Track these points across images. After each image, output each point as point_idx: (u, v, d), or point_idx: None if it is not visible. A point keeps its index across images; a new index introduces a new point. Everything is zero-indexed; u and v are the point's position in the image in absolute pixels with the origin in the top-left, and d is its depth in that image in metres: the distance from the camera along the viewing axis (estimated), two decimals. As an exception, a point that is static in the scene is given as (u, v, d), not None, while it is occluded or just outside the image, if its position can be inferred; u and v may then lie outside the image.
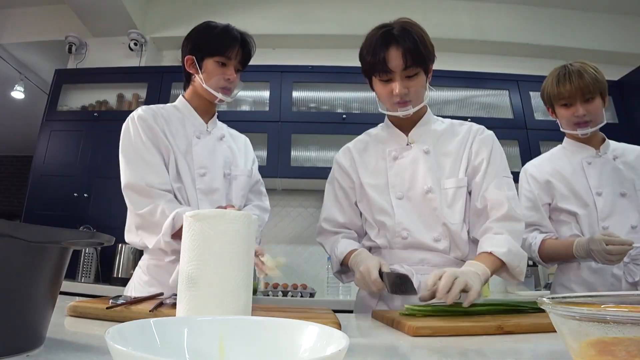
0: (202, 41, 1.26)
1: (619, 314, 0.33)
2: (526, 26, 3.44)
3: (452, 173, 1.17)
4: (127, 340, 0.35)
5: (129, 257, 2.59)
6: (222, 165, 1.30)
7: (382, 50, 1.09)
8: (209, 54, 1.25)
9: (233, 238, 0.60)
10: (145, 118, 1.23)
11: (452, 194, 1.15)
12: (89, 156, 2.87)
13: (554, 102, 1.47)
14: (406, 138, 1.22)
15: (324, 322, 0.70)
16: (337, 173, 1.32)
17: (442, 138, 1.21)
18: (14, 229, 0.42)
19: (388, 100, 1.15)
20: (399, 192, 1.18)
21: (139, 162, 1.19)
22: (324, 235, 1.31)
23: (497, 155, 1.19)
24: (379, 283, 1.00)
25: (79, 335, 0.67)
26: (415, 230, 1.14)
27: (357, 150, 1.29)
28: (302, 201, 3.08)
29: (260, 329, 0.42)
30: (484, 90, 3.09)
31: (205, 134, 1.31)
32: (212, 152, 1.30)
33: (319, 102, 3.08)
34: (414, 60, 1.08)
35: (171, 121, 1.28)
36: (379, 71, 1.11)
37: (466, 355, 0.61)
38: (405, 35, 1.08)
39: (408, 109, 1.14)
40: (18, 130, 5.25)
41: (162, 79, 3.04)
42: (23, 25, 3.53)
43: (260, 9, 3.44)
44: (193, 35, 1.29)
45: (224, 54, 1.24)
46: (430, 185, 1.15)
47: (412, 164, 1.18)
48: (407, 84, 1.11)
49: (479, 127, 1.24)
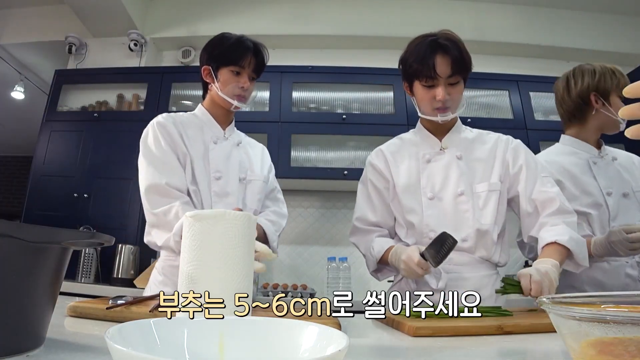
0: (218, 52, 1.32)
1: (619, 314, 0.33)
2: (526, 26, 3.44)
3: (484, 178, 1.23)
4: (127, 340, 0.35)
5: (129, 258, 2.59)
6: (238, 169, 1.34)
7: (431, 57, 1.15)
8: (224, 63, 1.30)
9: (233, 238, 0.60)
10: (164, 124, 1.29)
11: (484, 197, 1.21)
12: (89, 156, 2.87)
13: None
14: (439, 143, 1.27)
15: (324, 322, 0.70)
16: (370, 174, 1.34)
17: (473, 145, 1.28)
18: (14, 229, 0.42)
19: (429, 105, 1.20)
20: (430, 193, 1.22)
21: (159, 164, 1.25)
22: (358, 235, 1.33)
23: (532, 159, 1.25)
24: (424, 263, 1.03)
25: (79, 335, 0.67)
26: (443, 230, 1.15)
27: (391, 152, 1.32)
28: (302, 201, 3.08)
29: (260, 329, 0.42)
30: (484, 91, 3.09)
31: (222, 139, 1.36)
32: (228, 157, 1.34)
33: (318, 103, 3.08)
34: (460, 68, 1.16)
35: (189, 127, 1.33)
36: (426, 76, 1.16)
37: (466, 355, 0.61)
38: (452, 45, 1.16)
39: (447, 115, 1.19)
40: (18, 130, 5.25)
41: (162, 80, 3.04)
42: (23, 26, 3.53)
43: (260, 9, 3.44)
44: (209, 46, 1.35)
45: (238, 64, 1.30)
46: (463, 189, 1.20)
47: (445, 168, 1.23)
48: (449, 90, 1.18)
49: (508, 137, 1.31)
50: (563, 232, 1.10)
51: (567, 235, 1.09)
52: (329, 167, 2.85)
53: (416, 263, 1.03)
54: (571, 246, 1.08)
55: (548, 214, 1.16)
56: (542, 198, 1.18)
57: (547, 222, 1.15)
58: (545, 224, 1.15)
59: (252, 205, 1.35)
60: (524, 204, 1.21)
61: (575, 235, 1.11)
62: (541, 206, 1.18)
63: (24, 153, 5.94)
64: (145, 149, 1.27)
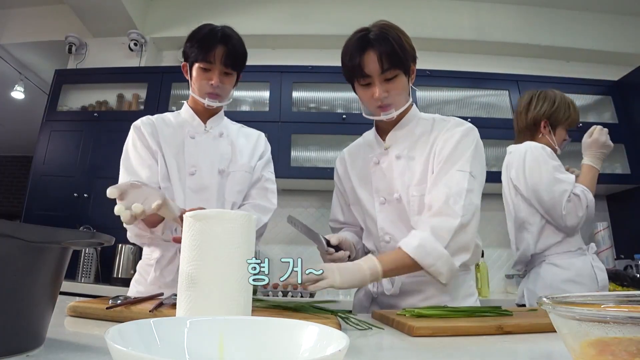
0: (188, 47, 1.26)
1: (619, 314, 0.33)
2: (526, 26, 3.44)
3: (422, 180, 1.11)
4: (127, 340, 0.35)
5: (129, 257, 2.59)
6: (218, 161, 1.30)
7: (359, 55, 1.07)
8: (194, 59, 1.24)
9: (233, 238, 0.60)
10: (137, 126, 1.29)
11: (418, 202, 1.10)
12: (89, 156, 2.87)
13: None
14: (383, 143, 1.20)
15: (324, 322, 0.70)
16: (335, 177, 1.35)
17: (419, 140, 1.16)
18: (14, 229, 0.42)
19: (370, 104, 1.13)
20: (382, 198, 1.18)
21: (129, 166, 1.24)
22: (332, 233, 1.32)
23: (459, 149, 1.08)
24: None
25: (79, 335, 0.67)
26: (397, 234, 1.14)
27: (350, 156, 1.31)
28: (301, 201, 3.08)
29: (260, 329, 0.42)
30: (484, 90, 3.09)
31: (201, 133, 1.32)
32: (206, 150, 1.30)
33: (318, 102, 3.08)
34: (391, 63, 1.06)
35: (167, 126, 1.32)
36: (358, 76, 1.10)
37: (466, 355, 0.61)
38: (381, 38, 1.06)
39: (390, 113, 1.11)
40: (18, 130, 5.25)
41: (162, 79, 3.04)
42: (23, 25, 3.53)
43: (260, 9, 3.44)
44: (186, 41, 1.28)
45: (205, 59, 1.22)
46: (400, 193, 1.13)
47: (388, 170, 1.17)
48: (387, 87, 1.09)
49: (453, 122, 1.15)
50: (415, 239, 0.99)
51: (417, 241, 0.98)
52: (329, 167, 2.84)
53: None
54: (415, 255, 0.97)
55: (427, 215, 1.04)
56: (435, 194, 1.04)
57: (417, 223, 1.06)
58: (415, 226, 1.07)
59: (230, 198, 1.29)
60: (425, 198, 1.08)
61: (430, 245, 0.98)
62: (428, 205, 1.06)
63: (24, 153, 5.95)
64: (123, 153, 1.28)
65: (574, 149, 3.06)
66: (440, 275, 0.99)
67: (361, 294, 1.28)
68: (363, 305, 1.24)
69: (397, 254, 1.00)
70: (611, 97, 3.05)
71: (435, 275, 0.99)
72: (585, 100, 3.14)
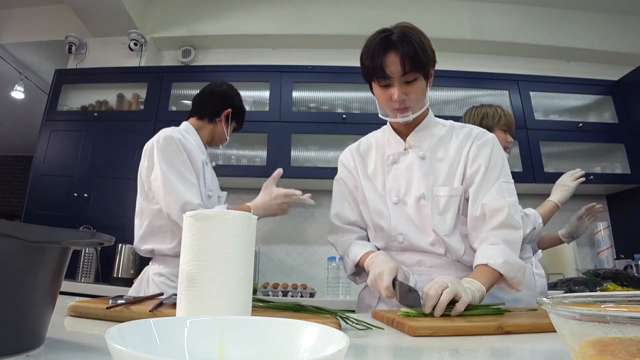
0: (239, 112, 1.68)
1: (619, 314, 0.33)
2: (526, 26, 3.44)
3: (447, 181, 1.15)
4: (127, 340, 0.35)
5: (129, 257, 2.59)
6: (217, 189, 1.65)
7: (381, 56, 1.07)
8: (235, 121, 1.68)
9: (233, 238, 0.60)
10: (182, 141, 1.45)
11: (444, 202, 1.13)
12: (89, 156, 2.87)
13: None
14: (404, 143, 1.21)
15: (324, 322, 0.70)
16: (342, 173, 1.32)
17: (441, 143, 1.19)
18: (14, 229, 0.42)
19: (387, 106, 1.14)
20: (395, 197, 1.17)
21: (187, 182, 1.41)
22: (336, 234, 1.29)
23: (497, 160, 1.14)
24: (391, 291, 0.98)
25: (79, 335, 0.67)
26: (411, 234, 1.15)
27: (360, 153, 1.29)
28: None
29: (260, 329, 0.42)
30: (484, 90, 3.09)
31: (207, 161, 1.61)
32: (212, 177, 1.63)
33: (319, 102, 3.08)
34: (413, 65, 1.06)
35: (190, 149, 1.49)
36: (377, 76, 1.10)
37: (466, 355, 0.61)
38: (404, 41, 1.06)
39: (407, 115, 1.13)
40: (18, 130, 5.25)
41: (162, 79, 3.04)
42: (23, 25, 3.53)
43: (260, 9, 3.44)
44: (237, 97, 1.68)
45: (237, 130, 1.74)
46: (422, 192, 1.14)
47: (408, 170, 1.17)
48: (406, 89, 1.10)
49: (479, 132, 1.20)
50: (498, 254, 1.03)
51: (502, 258, 1.02)
52: (329, 167, 2.85)
53: (385, 286, 0.99)
54: (504, 271, 1.02)
55: (492, 227, 1.08)
56: (492, 206, 1.08)
57: (488, 238, 1.08)
58: (486, 240, 1.08)
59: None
60: (473, 207, 1.11)
61: (512, 259, 1.04)
62: (489, 214, 1.09)
63: (24, 153, 5.95)
64: (168, 162, 1.40)
65: (574, 149, 3.09)
66: (519, 285, 1.05)
67: (366, 292, 1.28)
68: (367, 304, 1.23)
69: (487, 271, 1.02)
70: (611, 96, 3.05)
71: (515, 285, 1.05)
72: (585, 100, 3.14)
